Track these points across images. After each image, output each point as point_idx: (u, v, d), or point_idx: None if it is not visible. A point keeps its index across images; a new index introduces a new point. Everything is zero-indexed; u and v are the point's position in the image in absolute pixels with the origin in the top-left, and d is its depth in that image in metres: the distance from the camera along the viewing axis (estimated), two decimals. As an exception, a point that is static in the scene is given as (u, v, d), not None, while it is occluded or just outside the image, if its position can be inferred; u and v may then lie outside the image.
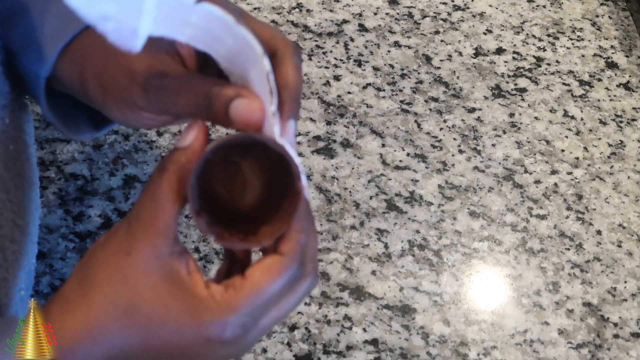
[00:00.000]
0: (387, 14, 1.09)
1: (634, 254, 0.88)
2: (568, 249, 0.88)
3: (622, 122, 1.01)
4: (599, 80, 1.06)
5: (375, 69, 1.02)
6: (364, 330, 0.79)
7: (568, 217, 0.91)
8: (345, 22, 1.07)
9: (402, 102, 0.99)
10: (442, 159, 0.94)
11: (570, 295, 0.84)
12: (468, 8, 1.12)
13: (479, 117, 0.99)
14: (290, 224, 0.44)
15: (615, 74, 1.07)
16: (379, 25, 1.07)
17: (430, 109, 0.99)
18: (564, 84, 1.05)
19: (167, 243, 0.44)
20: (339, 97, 0.98)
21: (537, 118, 1.00)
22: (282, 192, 0.45)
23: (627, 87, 1.06)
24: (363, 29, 1.07)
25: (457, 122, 0.98)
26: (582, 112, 1.02)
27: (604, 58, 1.09)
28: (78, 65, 0.52)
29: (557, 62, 1.07)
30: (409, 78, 1.02)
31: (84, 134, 0.59)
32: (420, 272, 0.84)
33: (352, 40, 1.05)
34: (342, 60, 1.02)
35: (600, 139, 0.99)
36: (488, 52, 1.07)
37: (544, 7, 1.15)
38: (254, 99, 0.45)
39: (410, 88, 1.01)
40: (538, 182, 0.93)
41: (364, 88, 1.00)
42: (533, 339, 0.80)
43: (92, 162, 0.87)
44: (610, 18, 1.15)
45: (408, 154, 0.94)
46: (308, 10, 1.07)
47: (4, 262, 0.54)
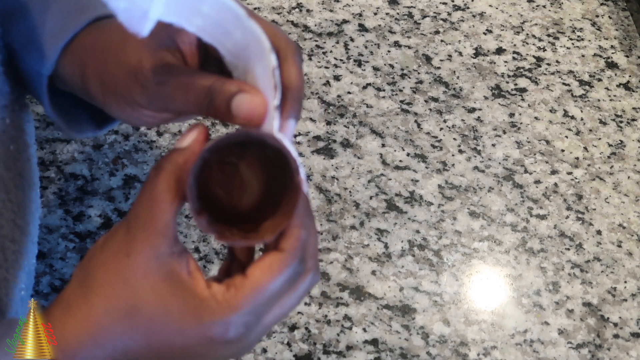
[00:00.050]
0: (387, 14, 1.09)
1: (634, 254, 0.88)
2: (568, 249, 0.88)
3: (622, 122, 1.01)
4: (599, 80, 1.06)
5: (375, 69, 1.02)
6: (364, 330, 0.79)
7: (568, 217, 0.91)
8: (345, 22, 1.07)
9: (402, 102, 0.99)
10: (442, 159, 0.94)
11: (570, 295, 0.84)
12: (468, 8, 1.12)
13: (479, 117, 0.99)
14: (292, 218, 0.44)
15: (615, 74, 1.07)
16: (379, 25, 1.07)
17: (430, 109, 0.99)
18: (564, 84, 1.05)
19: (166, 243, 0.44)
20: (339, 97, 0.98)
21: (537, 118, 1.00)
22: (281, 188, 0.45)
23: (627, 87, 1.06)
24: (363, 29, 1.06)
25: (457, 122, 0.98)
26: (582, 112, 1.02)
27: (604, 58, 1.09)
28: (79, 63, 0.52)
29: (557, 62, 1.07)
30: (409, 78, 1.02)
31: (86, 133, 0.59)
32: (420, 272, 0.84)
33: (352, 40, 1.05)
34: (342, 60, 1.02)
35: (600, 139, 0.99)
36: (488, 52, 1.07)
37: (544, 7, 1.15)
38: (257, 95, 0.45)
39: (410, 88, 1.01)
40: (538, 182, 0.93)
41: (364, 88, 1.00)
42: (533, 339, 0.80)
43: (92, 162, 0.87)
44: (610, 18, 1.15)
45: (408, 154, 0.94)
46: (308, 10, 1.07)
47: (4, 262, 0.54)
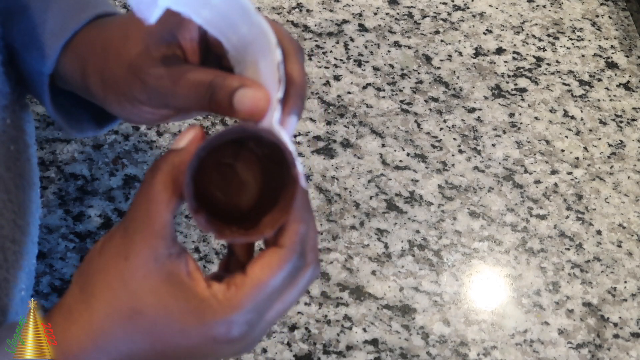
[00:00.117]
0: (387, 14, 1.09)
1: (634, 254, 0.88)
2: (568, 249, 0.88)
3: (622, 122, 1.01)
4: (599, 80, 1.06)
5: (375, 69, 1.02)
6: (364, 330, 0.79)
7: (568, 217, 0.91)
8: (345, 22, 1.07)
9: (402, 102, 0.99)
10: (442, 159, 0.94)
11: (570, 295, 0.84)
12: (468, 8, 1.12)
13: (479, 117, 0.99)
14: (290, 212, 0.44)
15: (615, 74, 1.07)
16: (379, 25, 1.07)
17: (430, 109, 0.99)
18: (564, 84, 1.05)
19: (164, 244, 0.43)
20: (339, 97, 0.98)
21: (537, 118, 1.00)
22: (279, 184, 0.45)
23: (627, 87, 1.06)
24: (363, 29, 1.06)
25: (457, 122, 0.98)
26: (582, 112, 1.02)
27: (604, 58, 1.09)
28: (80, 61, 0.52)
29: (557, 62, 1.07)
30: (409, 78, 1.02)
31: (87, 132, 0.59)
32: (420, 272, 0.84)
33: (352, 40, 1.05)
34: (342, 60, 1.02)
35: (600, 139, 0.99)
36: (488, 52, 1.07)
37: (544, 7, 1.15)
38: (259, 89, 0.45)
39: (410, 88, 1.01)
40: (538, 182, 0.93)
41: (364, 88, 1.00)
42: (533, 339, 0.80)
43: (92, 162, 0.87)
44: (610, 18, 1.15)
45: (408, 154, 0.94)
46: (308, 10, 1.07)
47: (5, 262, 0.53)
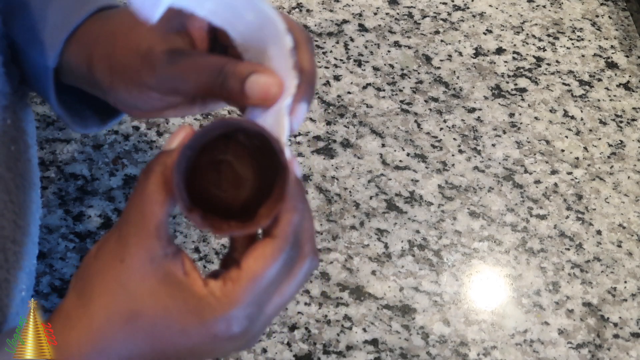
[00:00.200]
0: (387, 14, 1.09)
1: (634, 254, 0.88)
2: (568, 249, 0.88)
3: (622, 122, 1.01)
4: (599, 80, 1.06)
5: (375, 69, 1.02)
6: (364, 330, 0.79)
7: (568, 217, 0.91)
8: (345, 22, 1.07)
9: (402, 102, 0.99)
10: (442, 159, 0.94)
11: (570, 295, 0.84)
12: (468, 8, 1.12)
13: (479, 117, 0.99)
14: (284, 199, 0.44)
15: (615, 74, 1.07)
16: (379, 25, 1.07)
17: (430, 109, 0.99)
18: (564, 84, 1.05)
19: (159, 245, 0.43)
20: (339, 97, 0.98)
21: (537, 118, 1.00)
22: (273, 174, 0.45)
23: (627, 87, 1.06)
24: (363, 29, 1.06)
25: (457, 122, 0.98)
26: (582, 112, 1.02)
27: (604, 58, 1.09)
28: (86, 50, 0.52)
29: (557, 62, 1.07)
30: (409, 78, 1.02)
31: (91, 128, 0.59)
32: (420, 272, 0.84)
33: (352, 40, 1.05)
34: (342, 60, 1.02)
35: (600, 139, 0.99)
36: (488, 52, 1.07)
37: (544, 7, 1.15)
38: (272, 75, 0.45)
39: (410, 88, 1.01)
40: (538, 182, 0.93)
41: (364, 88, 1.00)
42: (533, 339, 0.80)
43: (92, 162, 0.87)
44: (610, 18, 1.15)
45: (408, 154, 0.94)
46: (308, 10, 1.07)
47: (5, 263, 0.53)
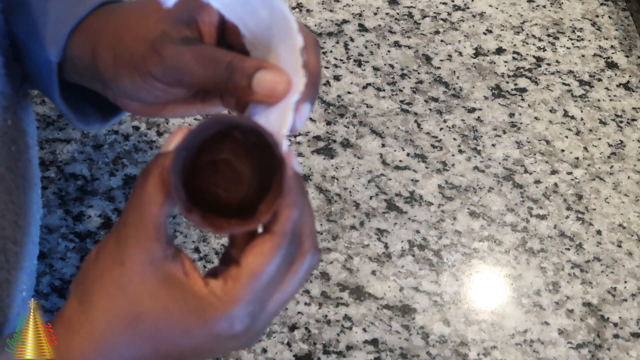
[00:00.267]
0: (387, 14, 1.09)
1: (634, 254, 0.88)
2: (568, 249, 0.88)
3: (622, 122, 1.01)
4: (599, 80, 1.06)
5: (375, 69, 1.02)
6: (364, 330, 0.79)
7: (568, 217, 0.91)
8: (345, 22, 1.07)
9: (402, 102, 0.99)
10: (442, 159, 0.94)
11: (570, 295, 0.84)
12: (468, 8, 1.12)
13: (479, 117, 0.99)
14: (283, 193, 0.43)
15: (615, 74, 1.07)
16: (379, 25, 1.07)
17: (430, 109, 0.99)
18: (564, 84, 1.05)
19: (159, 247, 0.43)
20: (339, 97, 0.98)
21: (537, 118, 1.00)
22: (272, 170, 0.45)
23: (627, 87, 1.06)
24: (363, 29, 1.06)
25: (457, 122, 0.98)
26: (582, 112, 1.02)
27: (604, 58, 1.09)
28: (90, 40, 0.52)
29: (557, 62, 1.07)
30: (409, 78, 1.02)
31: (93, 125, 0.59)
32: (420, 272, 0.84)
33: (352, 40, 1.05)
34: (342, 60, 1.02)
35: (600, 139, 0.99)
36: (488, 52, 1.07)
37: (544, 7, 1.15)
38: (280, 72, 0.46)
39: (410, 88, 1.01)
40: (538, 182, 0.93)
41: (364, 88, 1.00)
42: (533, 339, 0.80)
43: (92, 162, 0.87)
44: (610, 18, 1.15)
45: (408, 154, 0.94)
46: (308, 10, 1.07)
47: (6, 263, 0.53)
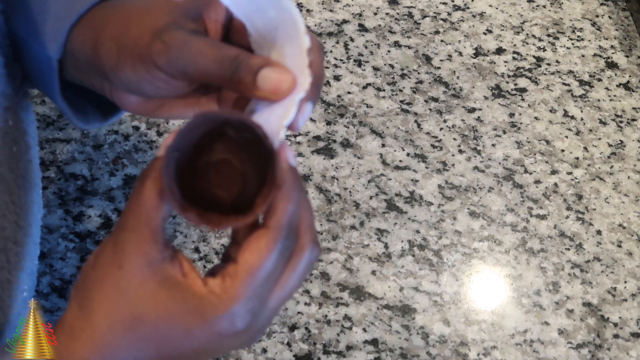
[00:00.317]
0: (387, 14, 1.09)
1: (634, 254, 0.88)
2: (568, 249, 0.88)
3: (622, 122, 1.01)
4: (599, 80, 1.06)
5: (375, 69, 1.02)
6: (364, 330, 0.79)
7: (568, 217, 0.91)
8: (345, 22, 1.07)
9: (402, 102, 0.99)
10: (442, 159, 0.94)
11: (570, 295, 0.84)
12: (468, 8, 1.12)
13: (479, 117, 0.99)
14: (276, 184, 0.43)
15: (615, 74, 1.07)
16: (379, 25, 1.07)
17: (430, 109, 0.99)
18: (564, 84, 1.05)
19: (157, 249, 0.43)
20: (339, 97, 0.98)
21: (537, 118, 1.00)
22: (267, 163, 0.45)
23: (627, 87, 1.06)
24: (363, 29, 1.06)
25: (457, 122, 0.98)
26: (582, 112, 1.02)
27: (604, 58, 1.09)
28: (92, 32, 0.52)
29: (557, 62, 1.07)
30: (409, 78, 1.02)
31: (93, 124, 0.59)
32: (420, 272, 0.84)
33: (352, 40, 1.05)
34: (342, 60, 1.02)
35: (600, 139, 0.99)
36: (488, 52, 1.07)
37: (544, 7, 1.15)
38: (285, 71, 0.46)
39: (410, 88, 1.01)
40: (538, 182, 0.93)
41: (364, 88, 1.00)
42: (533, 339, 0.81)
43: (92, 162, 0.87)
44: (610, 18, 1.15)
45: (408, 154, 0.94)
46: (308, 10, 1.07)
47: (7, 264, 0.53)
